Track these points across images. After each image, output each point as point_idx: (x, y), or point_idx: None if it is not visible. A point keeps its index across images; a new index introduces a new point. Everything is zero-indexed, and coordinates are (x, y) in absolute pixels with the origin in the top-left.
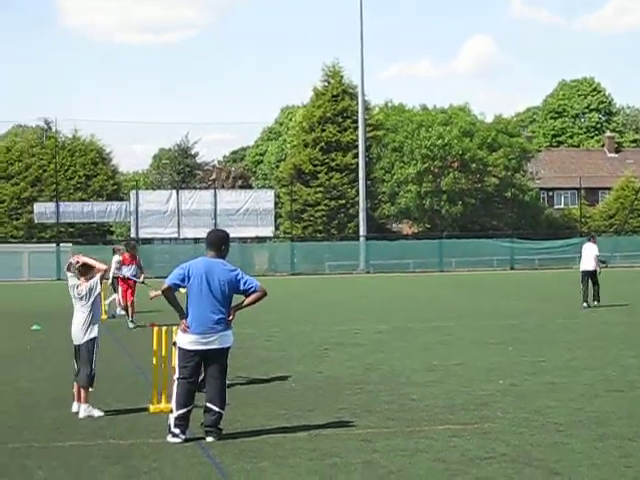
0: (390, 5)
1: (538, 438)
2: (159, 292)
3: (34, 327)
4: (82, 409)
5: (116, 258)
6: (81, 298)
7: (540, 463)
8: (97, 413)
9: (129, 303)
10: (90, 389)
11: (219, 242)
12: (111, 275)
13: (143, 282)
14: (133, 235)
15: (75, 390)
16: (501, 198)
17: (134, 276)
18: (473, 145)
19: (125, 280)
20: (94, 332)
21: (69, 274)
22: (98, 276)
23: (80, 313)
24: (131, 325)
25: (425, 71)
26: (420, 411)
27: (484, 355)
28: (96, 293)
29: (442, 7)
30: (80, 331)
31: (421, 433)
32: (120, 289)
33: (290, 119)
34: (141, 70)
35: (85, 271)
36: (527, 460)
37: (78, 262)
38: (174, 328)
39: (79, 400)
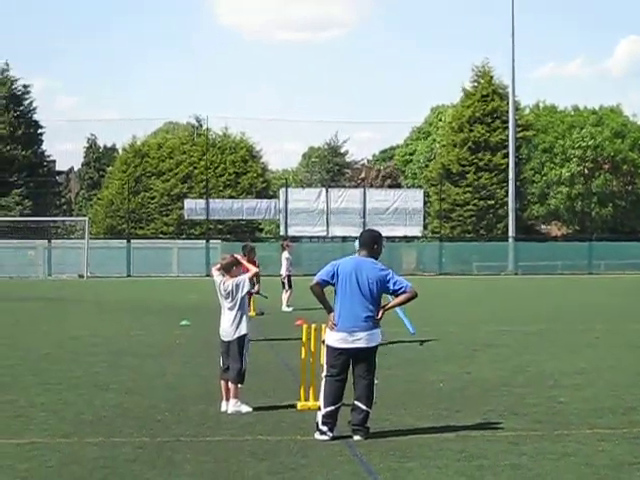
0: (542, 5)
1: None
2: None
3: (183, 322)
4: (231, 404)
5: (285, 255)
6: (227, 295)
7: None
8: (245, 409)
9: None
10: (240, 385)
11: (371, 241)
12: (284, 272)
13: (259, 293)
14: (282, 233)
15: (223, 388)
16: None
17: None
18: (624, 147)
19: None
20: (244, 329)
21: (216, 273)
22: (247, 275)
23: (228, 310)
24: None
25: (577, 71)
26: (568, 414)
27: (634, 359)
28: (244, 291)
29: (595, 7)
30: (230, 328)
31: (569, 437)
32: None
33: (440, 119)
34: (292, 68)
35: (229, 268)
36: None
37: (224, 258)
38: (323, 326)
39: (227, 398)
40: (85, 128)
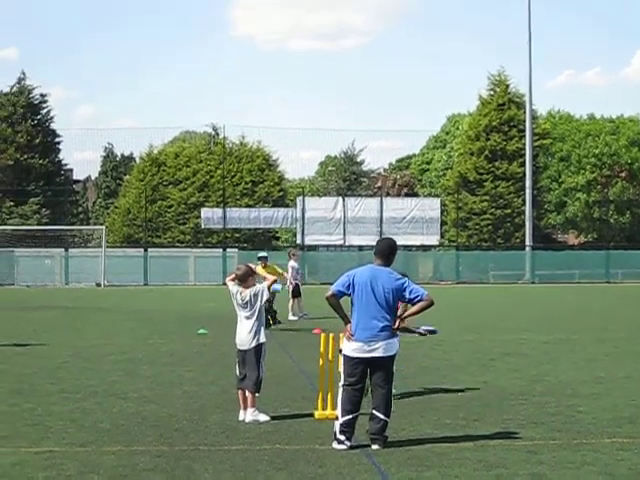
0: (559, 14)
1: None
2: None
3: (200, 331)
4: (248, 413)
5: (291, 263)
6: (245, 305)
7: None
8: (263, 418)
9: None
10: (257, 394)
11: (388, 251)
12: (289, 280)
13: None
14: (299, 242)
15: (240, 397)
16: None
17: None
18: None
19: None
20: (262, 338)
21: (230, 283)
22: (265, 284)
23: (245, 320)
24: None
25: (593, 80)
26: (587, 423)
27: None
28: (263, 300)
29: (613, 16)
30: (247, 337)
31: (588, 446)
32: None
33: (456, 127)
34: (308, 77)
35: (244, 279)
36: None
37: (239, 268)
38: (340, 335)
39: (245, 407)
40: (102, 137)
